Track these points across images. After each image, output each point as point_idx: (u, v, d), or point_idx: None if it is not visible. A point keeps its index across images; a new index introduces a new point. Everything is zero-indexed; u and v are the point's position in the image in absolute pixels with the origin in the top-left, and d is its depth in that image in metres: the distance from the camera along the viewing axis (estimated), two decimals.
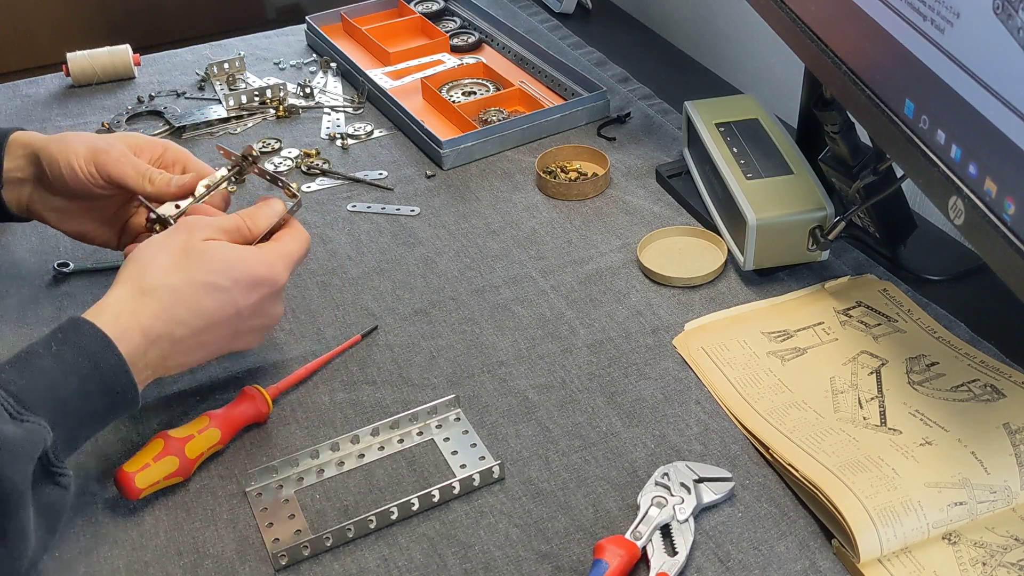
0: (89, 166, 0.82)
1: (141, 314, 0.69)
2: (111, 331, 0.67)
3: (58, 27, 1.86)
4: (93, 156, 0.82)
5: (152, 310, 0.70)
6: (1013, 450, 0.71)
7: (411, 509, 0.72)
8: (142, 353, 0.69)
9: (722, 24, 1.38)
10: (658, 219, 1.01)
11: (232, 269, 0.74)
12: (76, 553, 0.70)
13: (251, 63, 1.33)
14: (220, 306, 0.73)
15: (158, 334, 0.70)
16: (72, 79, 1.29)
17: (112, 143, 0.84)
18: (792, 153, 0.95)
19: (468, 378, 0.83)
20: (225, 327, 0.74)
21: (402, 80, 1.25)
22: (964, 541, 0.67)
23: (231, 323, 0.74)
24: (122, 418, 0.71)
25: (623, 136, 1.15)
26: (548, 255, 0.97)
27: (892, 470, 0.70)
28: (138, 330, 0.69)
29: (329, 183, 1.09)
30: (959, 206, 0.65)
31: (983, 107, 0.61)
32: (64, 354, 0.65)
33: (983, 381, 0.78)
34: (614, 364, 0.84)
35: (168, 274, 0.72)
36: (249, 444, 0.78)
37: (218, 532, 0.72)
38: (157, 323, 0.70)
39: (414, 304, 0.92)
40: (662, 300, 0.90)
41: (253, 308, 0.75)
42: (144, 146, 0.86)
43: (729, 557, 0.68)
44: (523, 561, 0.69)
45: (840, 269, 0.93)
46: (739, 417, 0.78)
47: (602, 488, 0.74)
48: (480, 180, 1.09)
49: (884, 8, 0.71)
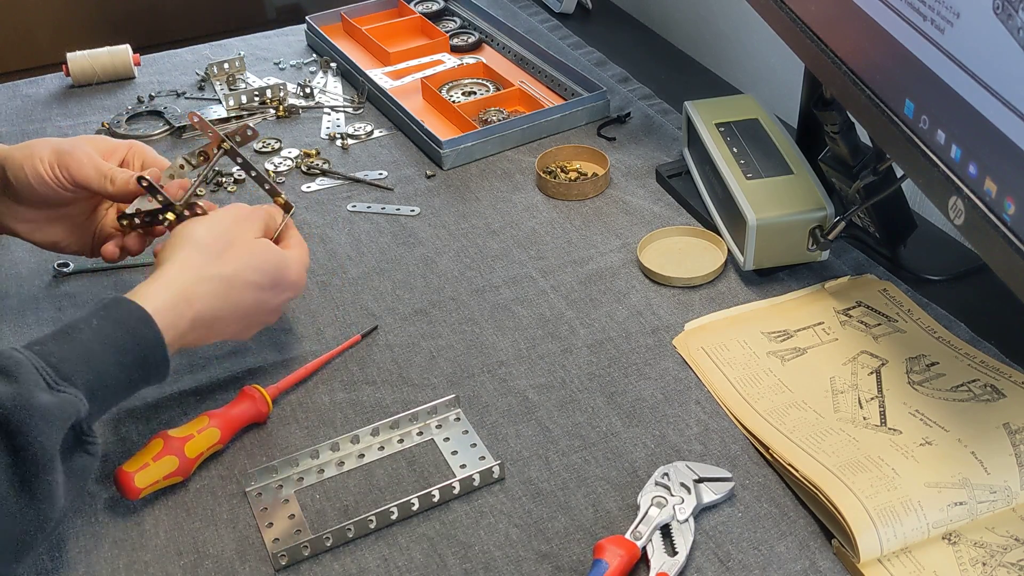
0: (54, 169, 0.81)
1: (195, 300, 0.73)
2: (162, 309, 0.70)
3: (58, 27, 1.87)
4: (57, 159, 0.81)
5: (205, 299, 0.74)
6: (1013, 450, 0.71)
7: (411, 509, 0.72)
8: (180, 335, 0.72)
9: (722, 24, 1.38)
10: (658, 219, 1.01)
11: (275, 271, 0.78)
12: (76, 553, 0.70)
13: (251, 63, 1.33)
14: (256, 304, 0.78)
15: (202, 320, 0.74)
16: (72, 79, 1.29)
17: (77, 144, 0.83)
18: (792, 153, 0.95)
19: (468, 378, 0.83)
20: (249, 319, 0.79)
21: (402, 80, 1.25)
22: (964, 541, 0.67)
23: (255, 317, 0.79)
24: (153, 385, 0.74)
25: (623, 136, 1.15)
26: (548, 255, 0.97)
27: (892, 470, 0.70)
28: (188, 316, 0.72)
29: (329, 183, 1.09)
30: (959, 206, 0.65)
31: (983, 107, 0.61)
32: (104, 328, 0.67)
33: (983, 381, 0.78)
34: (614, 364, 0.84)
35: (224, 264, 0.75)
36: (249, 444, 0.78)
37: (218, 532, 0.72)
38: (206, 312, 0.74)
39: (414, 304, 0.92)
40: (662, 300, 0.90)
41: (276, 308, 0.80)
42: (111, 149, 0.85)
43: (729, 557, 0.68)
44: (523, 561, 0.69)
45: (840, 269, 0.93)
46: (739, 417, 0.78)
47: (602, 488, 0.73)
48: (480, 180, 1.09)
49: (884, 8, 0.71)
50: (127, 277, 0.96)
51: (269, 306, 0.79)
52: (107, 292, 0.94)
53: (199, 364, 0.86)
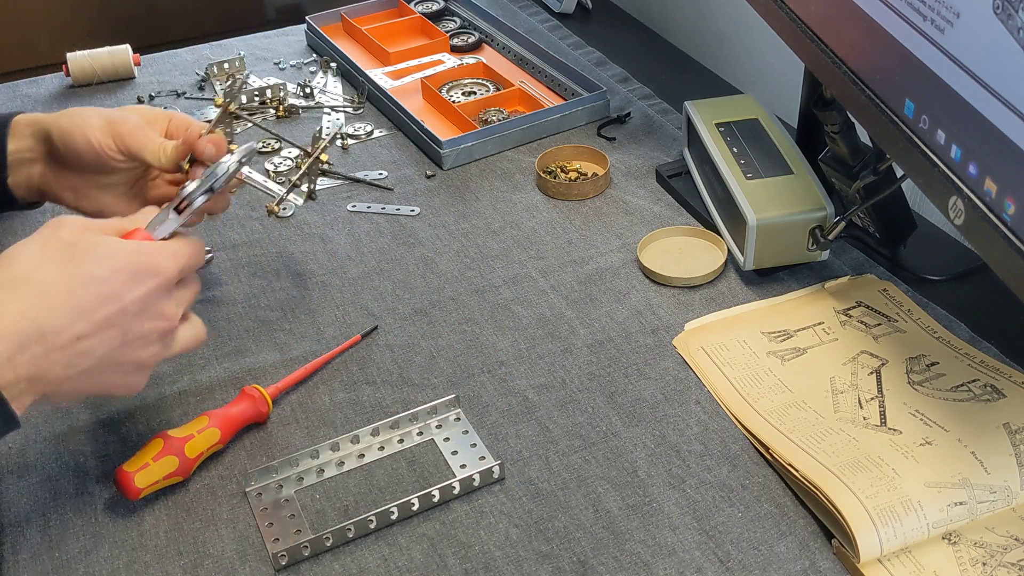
0: (106, 138, 0.79)
1: (3, 313, 0.60)
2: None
3: (58, 27, 1.87)
4: (109, 128, 0.79)
5: (17, 307, 0.61)
6: (1013, 450, 0.71)
7: (411, 509, 0.72)
8: (6, 359, 0.60)
9: (722, 24, 1.38)
10: (658, 219, 1.01)
11: (110, 258, 0.65)
12: (76, 553, 0.70)
13: (251, 63, 1.33)
14: (99, 300, 0.63)
15: (26, 336, 0.60)
16: (72, 79, 1.29)
17: (126, 114, 0.81)
18: (792, 153, 0.95)
19: (468, 378, 0.83)
20: (110, 329, 0.64)
21: (402, 80, 1.25)
22: (964, 541, 0.67)
23: (117, 324, 0.64)
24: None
25: (623, 136, 1.15)
26: (548, 255, 0.97)
27: (892, 470, 0.70)
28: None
29: (329, 183, 1.09)
30: (959, 206, 0.65)
31: (983, 107, 0.61)
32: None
33: (983, 381, 0.78)
34: (614, 364, 0.84)
35: (37, 269, 0.63)
36: (249, 444, 0.78)
37: (218, 532, 0.72)
38: (23, 323, 0.60)
39: (414, 304, 0.92)
40: (662, 300, 0.90)
41: (140, 304, 0.65)
42: (154, 118, 0.83)
43: (729, 557, 0.68)
44: (523, 561, 0.69)
45: (840, 269, 0.93)
46: (739, 417, 0.78)
47: (602, 488, 0.73)
48: (480, 180, 1.09)
49: (884, 8, 0.71)
50: None
51: (127, 302, 0.64)
52: None
53: (199, 364, 0.86)
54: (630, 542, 0.69)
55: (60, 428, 0.80)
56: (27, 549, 0.71)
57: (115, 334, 0.64)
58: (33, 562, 0.70)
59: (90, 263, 0.64)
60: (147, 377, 0.69)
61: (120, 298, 0.64)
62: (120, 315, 0.64)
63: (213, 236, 1.01)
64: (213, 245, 1.00)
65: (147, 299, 0.66)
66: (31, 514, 0.73)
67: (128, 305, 0.65)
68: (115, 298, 0.64)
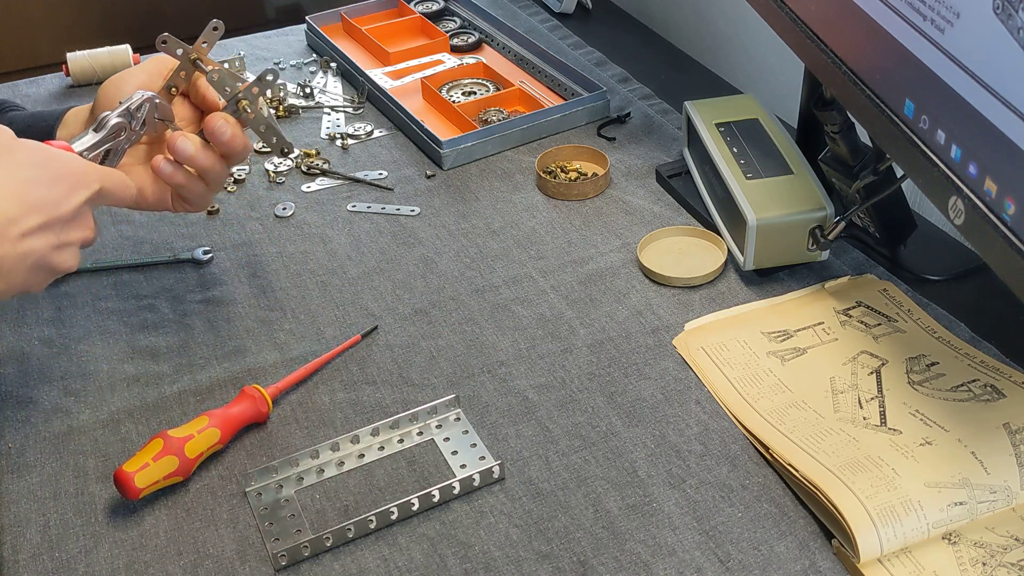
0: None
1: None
2: None
3: (58, 27, 1.86)
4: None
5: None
6: (1013, 450, 0.71)
7: (411, 509, 0.72)
8: None
9: (722, 24, 1.38)
10: (658, 219, 1.01)
11: (52, 162, 0.69)
12: (76, 553, 0.70)
13: (251, 63, 1.33)
14: (43, 202, 0.68)
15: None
16: (72, 79, 1.29)
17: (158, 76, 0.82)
18: (792, 153, 0.95)
19: (468, 378, 0.83)
20: (48, 231, 0.68)
21: (402, 80, 1.26)
22: (964, 541, 0.67)
23: (53, 227, 0.68)
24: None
25: (623, 136, 1.15)
26: (548, 255, 0.97)
27: (892, 470, 0.70)
28: None
29: (329, 183, 1.09)
30: (959, 206, 0.65)
31: (983, 107, 0.61)
32: None
33: (983, 381, 0.78)
34: (614, 364, 0.84)
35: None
36: (249, 444, 0.78)
37: (218, 532, 0.72)
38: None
39: (414, 304, 0.92)
40: (662, 300, 0.90)
41: (73, 212, 0.70)
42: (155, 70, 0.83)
43: (729, 557, 0.68)
44: (523, 561, 0.69)
45: (840, 269, 0.93)
46: (739, 417, 0.78)
47: (602, 488, 0.74)
48: (480, 180, 1.09)
49: (884, 8, 0.71)
50: (126, 277, 0.96)
51: (64, 209, 0.69)
52: (106, 292, 0.94)
53: (199, 364, 0.86)
54: (630, 542, 0.69)
55: (60, 428, 0.80)
56: (27, 549, 0.71)
57: (51, 237, 0.69)
58: (33, 562, 0.70)
59: (32, 167, 0.68)
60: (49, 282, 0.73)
61: (59, 204, 0.68)
62: (58, 220, 0.69)
63: (213, 236, 1.01)
64: (213, 245, 1.00)
65: (79, 209, 0.70)
66: (31, 514, 0.73)
67: (64, 213, 0.69)
68: (56, 203, 0.68)
